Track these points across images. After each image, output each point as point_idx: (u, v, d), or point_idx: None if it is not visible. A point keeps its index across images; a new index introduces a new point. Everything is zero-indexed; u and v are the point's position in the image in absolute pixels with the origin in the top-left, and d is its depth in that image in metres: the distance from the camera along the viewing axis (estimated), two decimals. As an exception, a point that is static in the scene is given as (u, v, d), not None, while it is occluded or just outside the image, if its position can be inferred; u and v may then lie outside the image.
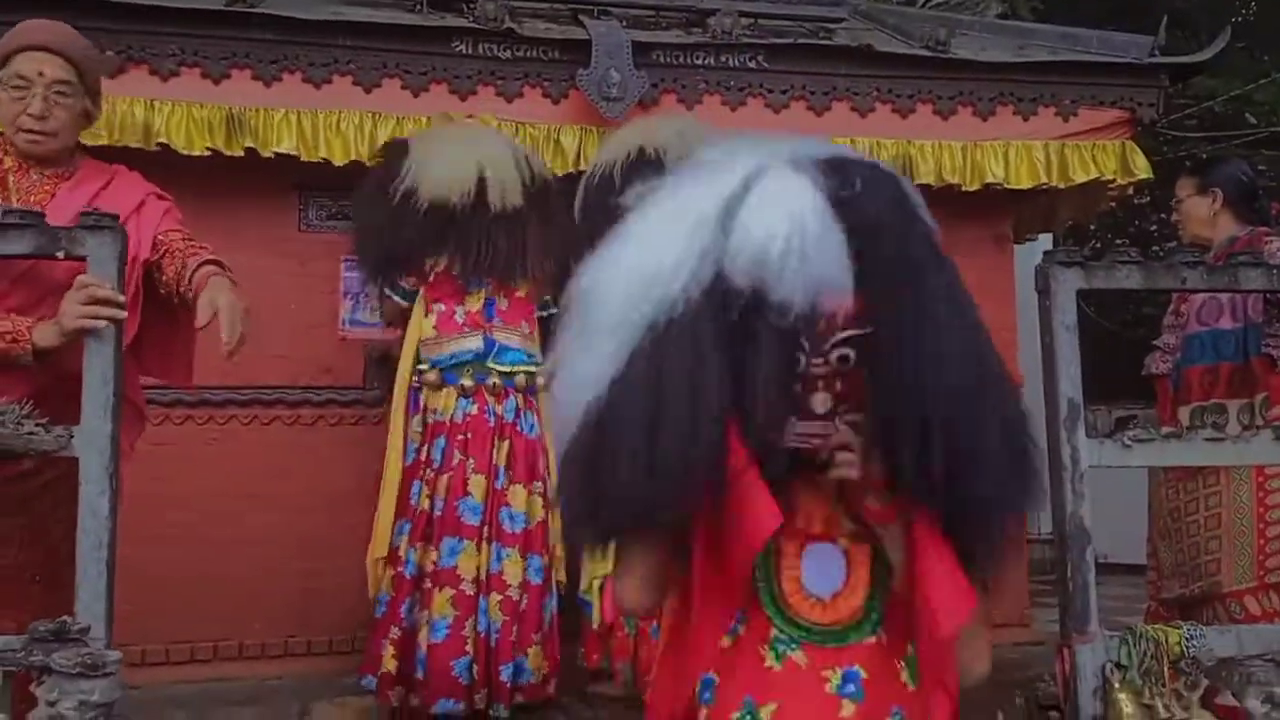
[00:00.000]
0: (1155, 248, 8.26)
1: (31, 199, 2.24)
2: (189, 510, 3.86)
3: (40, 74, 2.20)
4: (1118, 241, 8.82)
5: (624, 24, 4.30)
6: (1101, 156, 4.44)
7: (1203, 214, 3.25)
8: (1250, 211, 3.26)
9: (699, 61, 4.27)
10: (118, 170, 2.39)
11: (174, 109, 3.82)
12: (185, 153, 3.80)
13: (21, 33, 2.27)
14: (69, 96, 2.26)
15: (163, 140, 3.78)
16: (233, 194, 4.06)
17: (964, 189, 4.37)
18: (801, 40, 4.37)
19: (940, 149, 4.35)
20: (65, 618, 1.53)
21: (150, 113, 3.79)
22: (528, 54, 4.15)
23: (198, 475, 3.92)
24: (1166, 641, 2.08)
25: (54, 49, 2.24)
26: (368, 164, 3.83)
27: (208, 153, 3.82)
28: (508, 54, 4.14)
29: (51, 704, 1.24)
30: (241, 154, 3.85)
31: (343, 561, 3.69)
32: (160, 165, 3.81)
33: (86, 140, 3.71)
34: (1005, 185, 4.39)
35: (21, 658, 1.59)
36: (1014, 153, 4.41)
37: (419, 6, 4.23)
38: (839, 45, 4.39)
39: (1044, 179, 4.41)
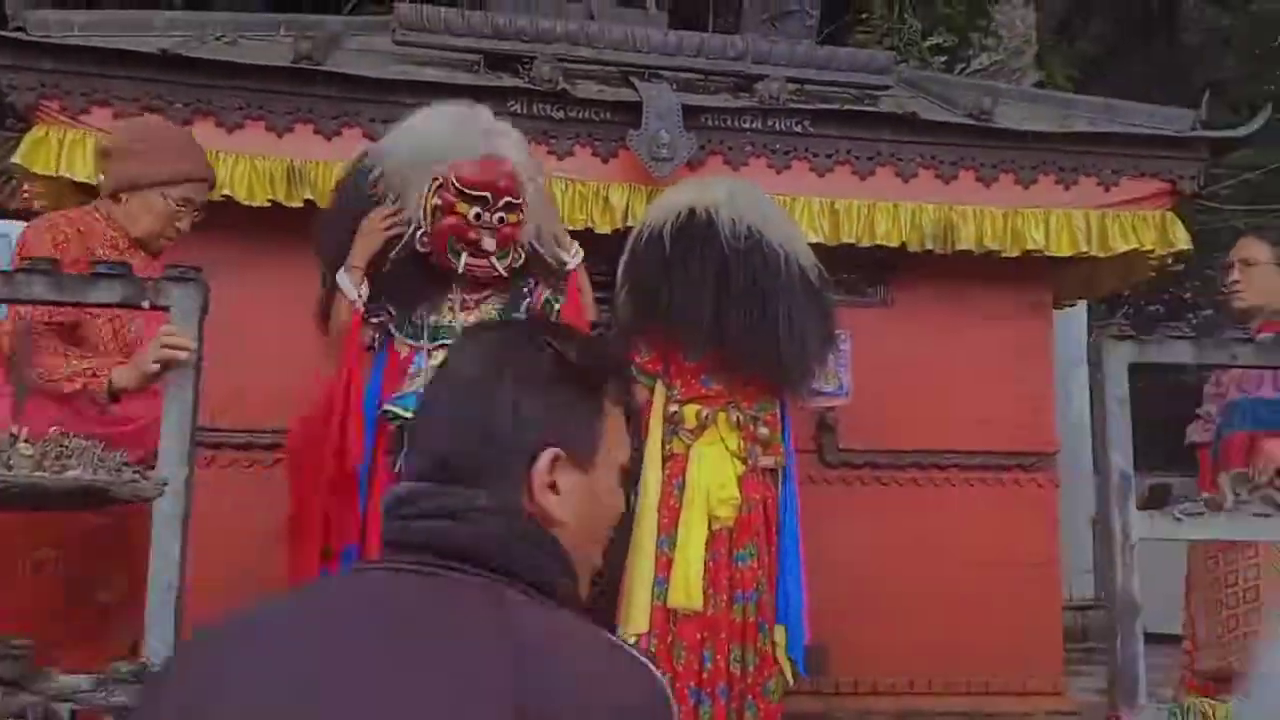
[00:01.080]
0: (1191, 315, 8.27)
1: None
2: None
3: (197, 198, 2.63)
4: (1151, 308, 8.82)
5: (674, 87, 4.41)
6: (1141, 227, 4.48)
7: (1275, 286, 3.26)
8: None
9: (746, 125, 4.36)
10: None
11: (238, 161, 3.95)
12: (246, 203, 3.92)
13: (193, 161, 2.64)
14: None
15: (226, 191, 3.90)
16: (290, 244, 4.17)
17: (1004, 255, 4.42)
18: (848, 107, 4.47)
19: (982, 215, 4.41)
20: (145, 659, 1.59)
21: (215, 164, 3.90)
22: (580, 115, 4.27)
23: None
24: (1214, 715, 2.08)
25: (211, 181, 2.68)
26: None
27: (269, 204, 3.94)
28: (560, 114, 4.25)
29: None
30: (301, 205, 3.96)
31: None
32: (222, 214, 3.97)
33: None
34: (1045, 253, 4.44)
35: (95, 697, 1.64)
36: (1055, 221, 4.45)
37: (477, 67, 4.36)
38: (884, 112, 4.48)
39: (1084, 248, 4.45)
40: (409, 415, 2.76)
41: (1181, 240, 4.52)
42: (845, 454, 4.61)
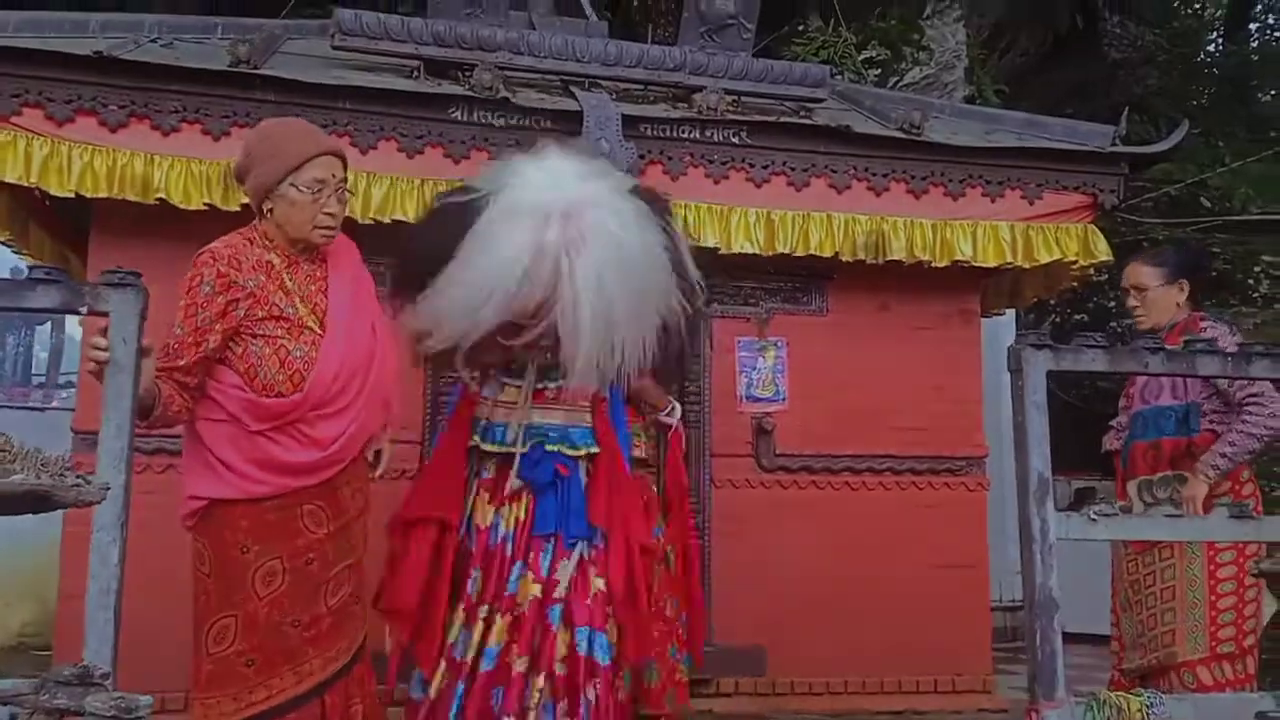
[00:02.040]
0: (1113, 324, 8.53)
1: (311, 288, 2.48)
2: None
3: (333, 175, 2.46)
4: (1076, 317, 9.08)
5: (614, 96, 4.47)
6: (1064, 239, 4.65)
7: (1168, 303, 3.38)
8: (1196, 296, 3.45)
9: (684, 135, 4.43)
10: (340, 240, 2.60)
11: (174, 164, 3.91)
12: (182, 206, 3.88)
13: (308, 141, 2.49)
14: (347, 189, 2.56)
15: (161, 195, 3.86)
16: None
17: (934, 265, 4.55)
18: (784, 119, 4.57)
19: (912, 226, 4.53)
20: (87, 663, 1.59)
21: (150, 167, 3.88)
22: (521, 122, 4.30)
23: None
24: (1128, 709, 2.19)
25: (337, 153, 2.52)
26: (359, 221, 3.92)
27: (205, 207, 3.91)
28: (501, 121, 4.28)
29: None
30: (238, 209, 3.93)
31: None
32: (158, 218, 3.94)
33: (85, 192, 3.83)
34: (973, 263, 4.58)
35: (36, 700, 1.64)
36: (982, 232, 4.60)
37: (417, 73, 4.37)
38: (819, 125, 4.59)
39: (1010, 258, 4.60)
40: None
41: (1102, 252, 4.70)
42: (781, 459, 4.69)
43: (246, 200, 3.83)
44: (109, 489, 1.52)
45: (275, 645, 2.31)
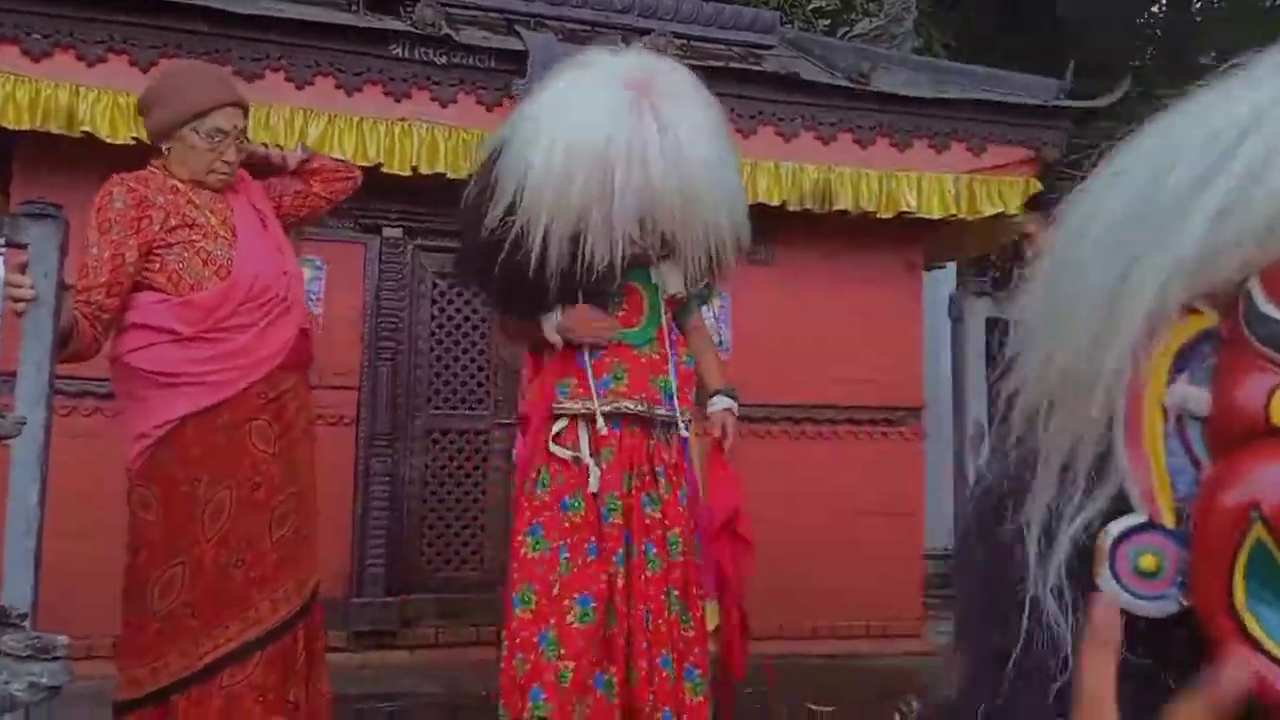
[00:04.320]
0: (1052, 280, 8.64)
1: (218, 207, 2.44)
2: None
3: (235, 126, 2.44)
4: (1016, 273, 9.18)
5: (559, 37, 4.37)
6: (1007, 192, 4.68)
7: None
8: None
9: (632, 79, 4.35)
10: (244, 177, 2.57)
11: (99, 96, 3.76)
12: (109, 140, 3.74)
13: (213, 89, 2.45)
14: (245, 138, 2.52)
15: (87, 127, 3.71)
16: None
17: (879, 216, 4.56)
18: (732, 65, 4.51)
19: (859, 177, 4.53)
20: (5, 604, 1.54)
21: (75, 98, 3.72)
22: (464, 61, 4.20)
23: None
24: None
25: (241, 104, 2.47)
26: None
27: (133, 141, 3.77)
28: (444, 59, 4.18)
29: (3, 684, 1.26)
30: (168, 144, 3.80)
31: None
32: (83, 151, 3.79)
33: (7, 124, 3.67)
34: (918, 214, 4.59)
35: None
36: (927, 184, 4.61)
37: (355, 6, 4.24)
38: (767, 72, 4.54)
39: (954, 210, 4.62)
40: None
41: (1043, 206, 4.74)
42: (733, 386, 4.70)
43: (141, 138, 3.75)
44: (24, 423, 1.46)
45: (220, 591, 2.27)
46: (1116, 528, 0.61)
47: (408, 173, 4.09)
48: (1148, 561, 0.60)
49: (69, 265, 2.21)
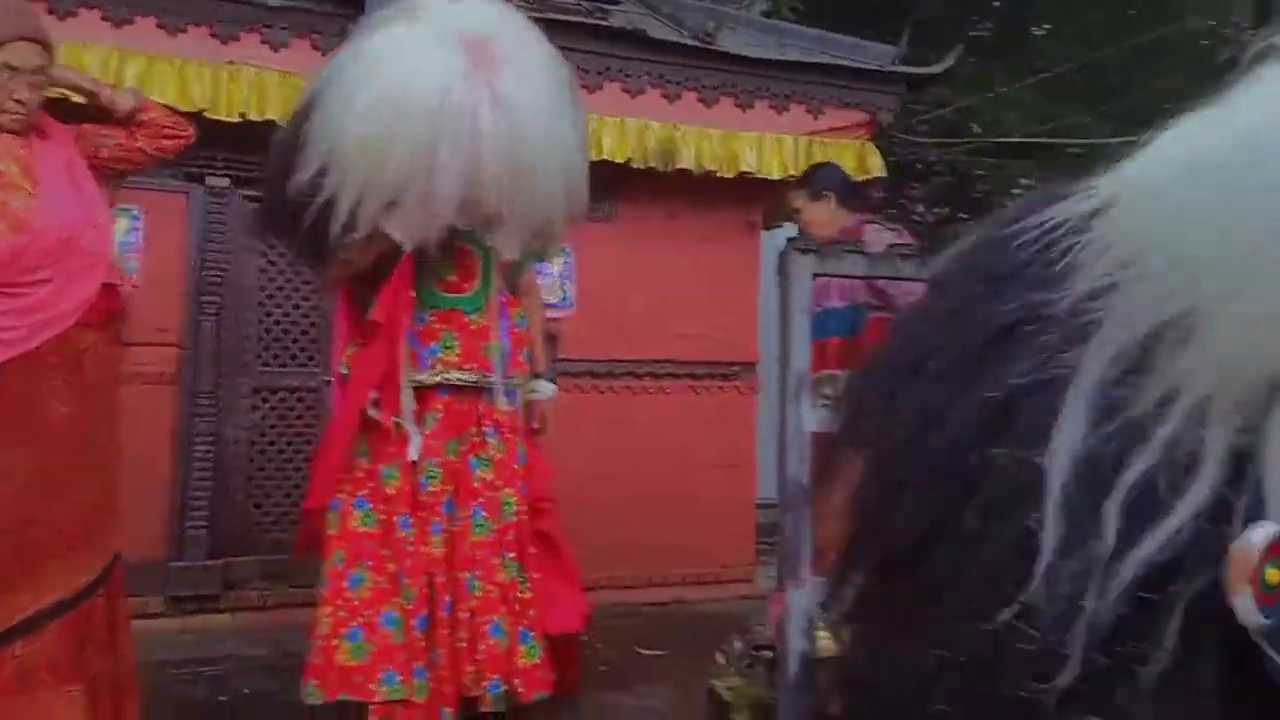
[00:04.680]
0: (890, 241, 9.00)
1: (20, 153, 2.27)
2: None
3: (28, 63, 2.26)
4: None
5: (398, -19, 4.23)
6: (843, 154, 4.80)
7: (824, 217, 3.45)
8: (858, 202, 3.53)
9: (473, 29, 4.27)
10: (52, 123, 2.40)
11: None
12: None
13: (6, 24, 2.25)
14: (44, 77, 2.32)
15: None
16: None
17: (721, 175, 4.62)
18: (579, 19, 4.47)
19: (701, 136, 4.58)
20: None
21: None
22: (298, 4, 4.03)
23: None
24: (869, 591, 2.34)
25: (37, 39, 2.27)
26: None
27: None
28: (277, 1, 3.99)
29: None
30: None
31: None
32: None
33: None
34: (757, 175, 4.68)
35: None
36: (767, 145, 4.70)
37: (176, -61, 4.00)
38: (614, 27, 4.52)
39: (792, 171, 4.72)
40: None
41: (877, 168, 4.89)
42: (564, 363, 4.71)
43: None
44: None
45: (11, 559, 2.13)
46: (1260, 536, 0.54)
47: (235, 119, 3.91)
48: (1274, 575, 0.54)
49: None
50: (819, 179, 3.51)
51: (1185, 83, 9.92)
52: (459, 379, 2.53)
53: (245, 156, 4.16)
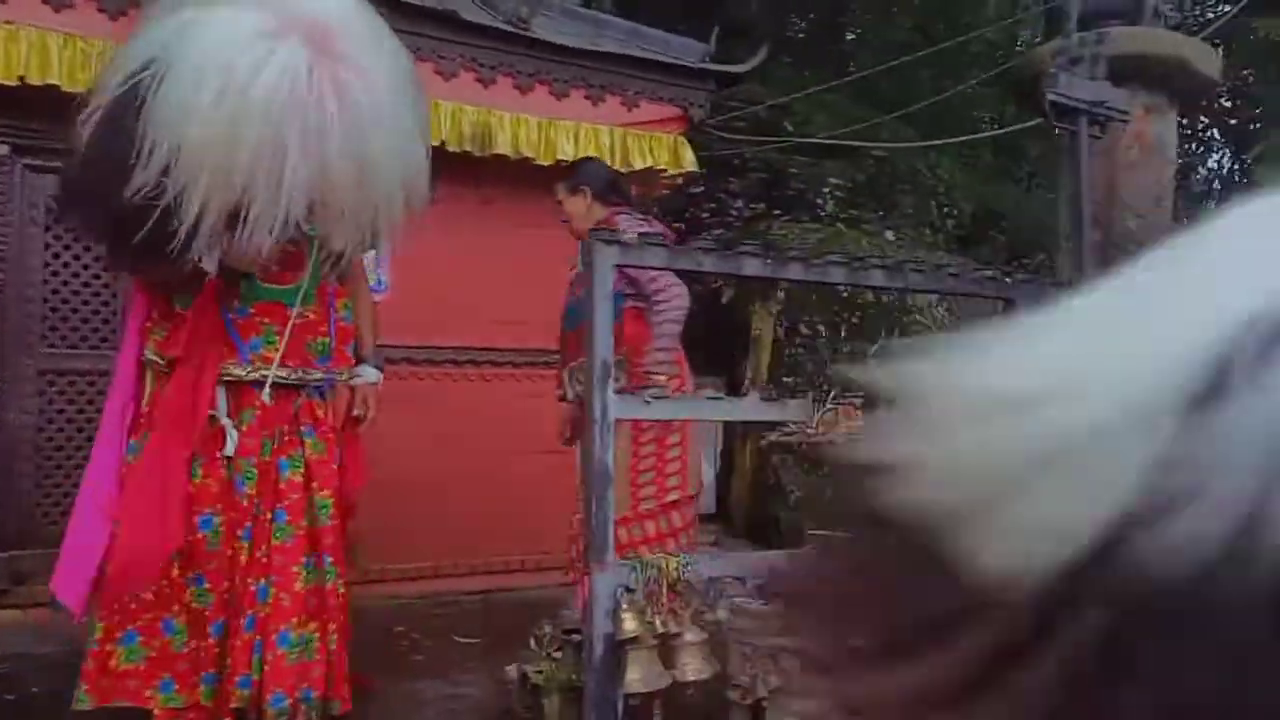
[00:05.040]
0: (706, 232, 9.26)
1: None
2: None
3: None
4: (675, 225, 9.72)
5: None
6: (657, 147, 4.94)
7: (581, 210, 3.56)
8: (615, 195, 3.60)
9: (282, 3, 4.14)
10: None
11: None
12: None
13: None
14: None
15: None
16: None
17: (538, 163, 4.66)
18: (390, -2, 4.40)
19: (518, 122, 4.60)
20: None
21: None
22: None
23: None
24: (667, 568, 2.45)
25: None
26: None
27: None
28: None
29: None
30: None
31: None
32: None
33: None
34: (574, 163, 4.73)
35: None
36: (584, 134, 4.77)
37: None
38: (426, 7, 4.47)
39: (608, 161, 4.81)
40: None
41: (690, 162, 5.05)
42: (382, 349, 4.64)
43: None
44: None
45: None
46: None
47: (14, 82, 3.66)
48: None
49: None
50: (579, 174, 3.64)
51: (980, 90, 10.67)
52: (280, 378, 2.44)
53: (28, 123, 3.91)
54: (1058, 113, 3.84)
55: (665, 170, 5.00)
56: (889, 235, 8.77)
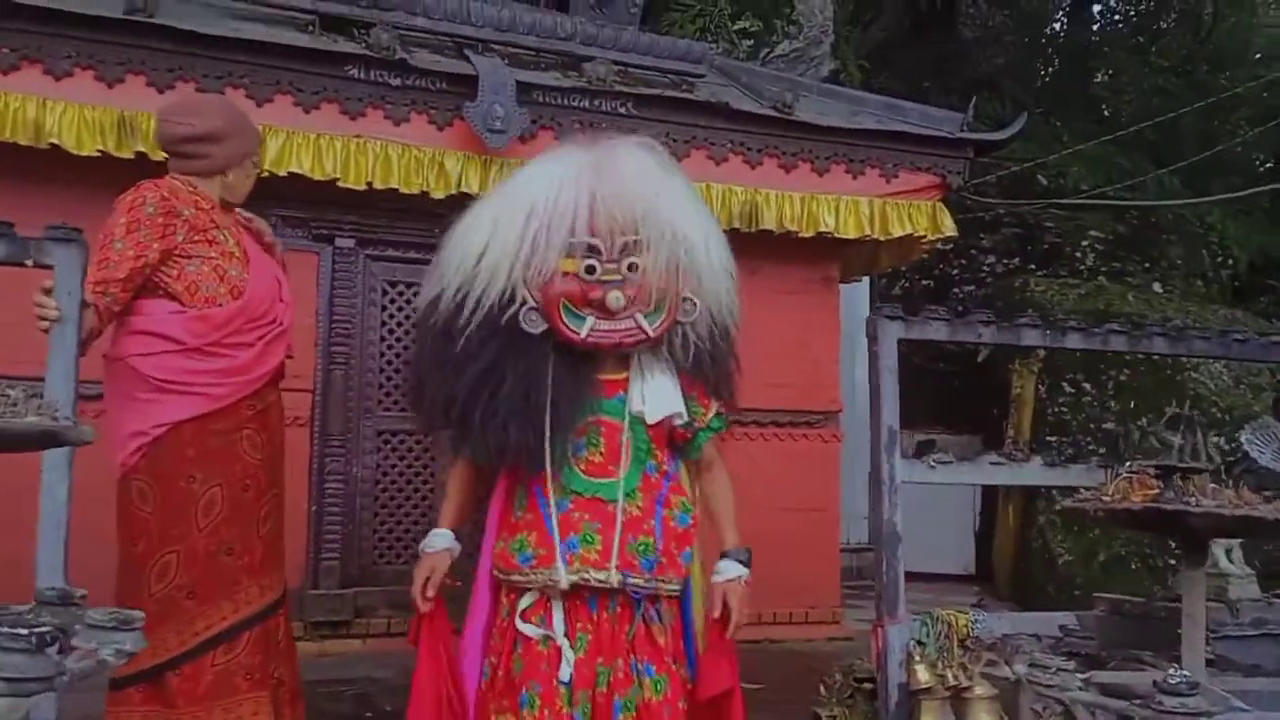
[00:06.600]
0: (955, 290, 9.22)
1: (231, 228, 2.65)
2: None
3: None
4: (924, 283, 9.74)
5: (505, 60, 4.65)
6: (916, 215, 5.12)
7: None
8: None
9: (575, 104, 4.67)
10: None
11: (66, 109, 3.91)
12: (75, 152, 3.90)
13: (257, 128, 2.86)
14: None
15: (54, 139, 3.86)
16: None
17: (800, 236, 4.94)
18: (667, 93, 4.85)
19: (782, 199, 4.91)
20: (67, 587, 1.77)
21: (42, 112, 3.87)
22: (417, 83, 4.45)
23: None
24: (957, 624, 2.61)
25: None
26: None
27: (98, 154, 3.93)
28: (398, 81, 4.42)
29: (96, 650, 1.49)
30: (131, 157, 3.97)
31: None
32: (50, 164, 3.94)
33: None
34: (835, 234, 4.99)
35: (36, 619, 1.71)
36: (844, 206, 5.02)
37: (311, 27, 4.45)
38: (700, 100, 4.89)
39: (868, 231, 5.04)
40: None
41: (948, 227, 5.19)
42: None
43: (141, 149, 3.95)
44: (93, 430, 1.69)
45: (213, 576, 2.50)
46: None
47: (362, 187, 4.32)
48: None
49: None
50: None
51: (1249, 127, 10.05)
52: (599, 580, 2.02)
53: (370, 220, 4.61)
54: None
55: (924, 236, 5.16)
56: (1157, 288, 8.42)
